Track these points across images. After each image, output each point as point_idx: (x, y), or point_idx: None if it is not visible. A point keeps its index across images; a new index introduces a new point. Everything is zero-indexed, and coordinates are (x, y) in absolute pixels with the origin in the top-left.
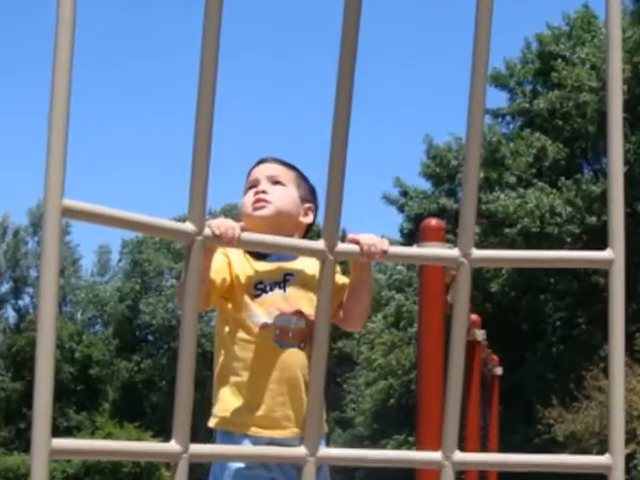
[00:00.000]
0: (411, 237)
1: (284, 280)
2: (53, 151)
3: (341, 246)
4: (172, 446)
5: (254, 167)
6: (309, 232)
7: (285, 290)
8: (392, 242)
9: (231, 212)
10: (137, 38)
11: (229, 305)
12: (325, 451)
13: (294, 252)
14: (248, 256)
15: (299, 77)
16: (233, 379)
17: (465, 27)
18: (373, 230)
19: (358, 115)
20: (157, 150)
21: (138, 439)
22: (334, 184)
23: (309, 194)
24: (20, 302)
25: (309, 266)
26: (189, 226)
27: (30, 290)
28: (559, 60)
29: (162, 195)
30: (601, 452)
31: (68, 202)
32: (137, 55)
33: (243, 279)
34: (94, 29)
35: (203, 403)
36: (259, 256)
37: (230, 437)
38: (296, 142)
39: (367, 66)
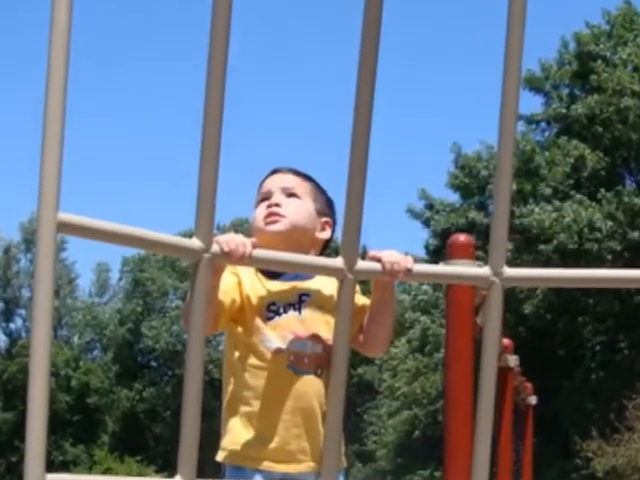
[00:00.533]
0: (437, 254)
1: (299, 301)
2: (47, 160)
3: (361, 264)
4: None
5: (267, 178)
6: (326, 249)
7: (300, 312)
8: (417, 259)
9: (241, 227)
10: (140, 39)
11: (239, 328)
12: None
13: (310, 271)
14: (260, 275)
15: (315, 80)
16: (243, 409)
17: (496, 26)
18: (396, 246)
19: (380, 121)
20: (161, 160)
21: (140, 474)
22: (354, 196)
23: (326, 207)
24: (12, 325)
25: (326, 286)
26: (196, 242)
27: (22, 312)
28: (599, 61)
29: (166, 209)
30: None
31: (64, 216)
32: (139, 58)
33: (254, 300)
34: (93, 29)
35: (211, 435)
36: (272, 275)
37: (240, 472)
38: (312, 151)
39: (389, 68)
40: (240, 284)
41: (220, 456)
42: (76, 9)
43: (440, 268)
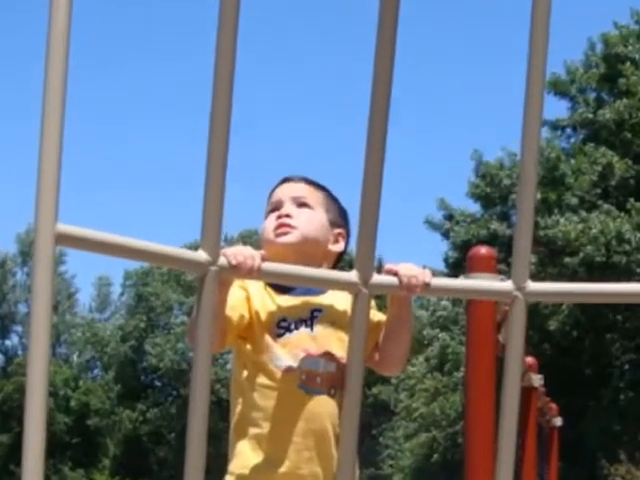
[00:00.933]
0: (457, 267)
1: (311, 317)
2: (45, 169)
3: (377, 278)
4: None
5: (277, 187)
6: (340, 262)
7: (312, 328)
8: (435, 273)
9: (250, 238)
10: (140, 39)
11: (248, 346)
12: None
13: (323, 285)
14: (270, 289)
15: (328, 85)
16: (252, 431)
17: (519, 27)
18: (413, 259)
19: (396, 127)
20: (165, 167)
21: None
22: (368, 207)
23: (340, 218)
24: (7, 342)
25: (340, 301)
26: (202, 255)
27: (19, 328)
28: (627, 64)
29: (171, 219)
30: None
31: (62, 227)
32: (139, 58)
33: (264, 316)
34: (92, 29)
35: (218, 459)
36: (282, 289)
37: None
38: (325, 159)
39: (406, 72)
40: (249, 299)
41: None
42: (75, 9)
43: (460, 282)
